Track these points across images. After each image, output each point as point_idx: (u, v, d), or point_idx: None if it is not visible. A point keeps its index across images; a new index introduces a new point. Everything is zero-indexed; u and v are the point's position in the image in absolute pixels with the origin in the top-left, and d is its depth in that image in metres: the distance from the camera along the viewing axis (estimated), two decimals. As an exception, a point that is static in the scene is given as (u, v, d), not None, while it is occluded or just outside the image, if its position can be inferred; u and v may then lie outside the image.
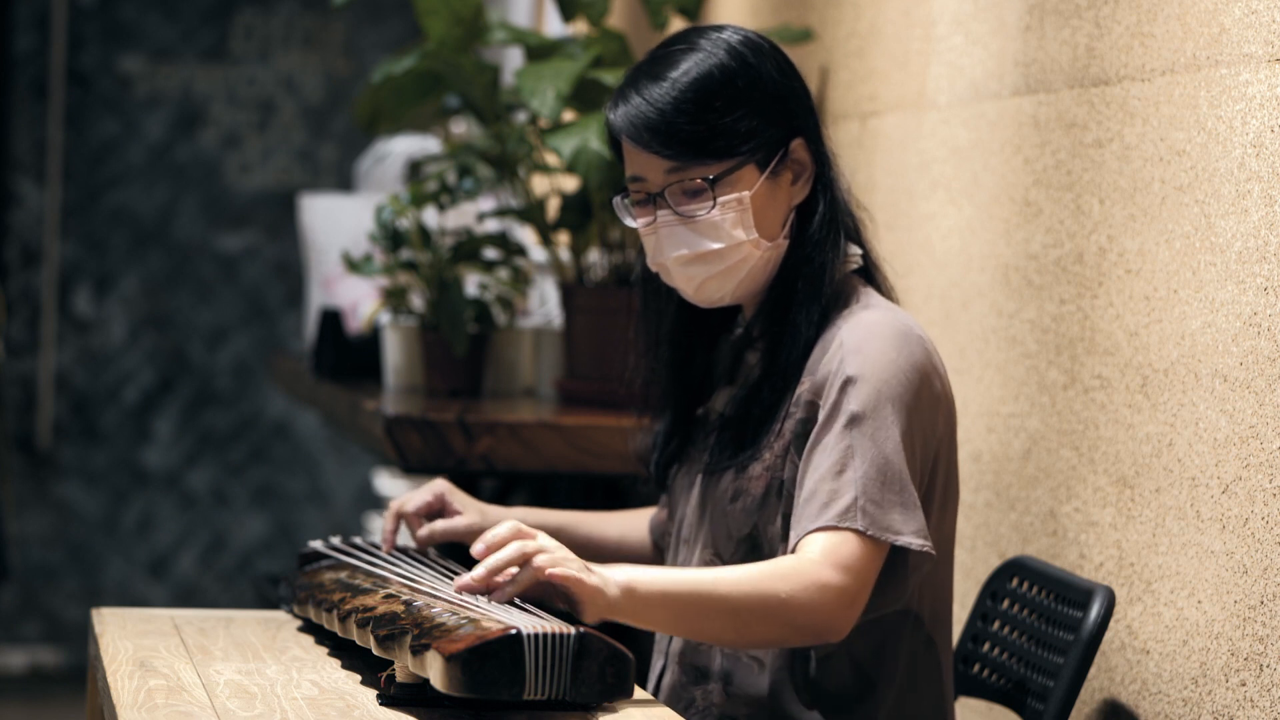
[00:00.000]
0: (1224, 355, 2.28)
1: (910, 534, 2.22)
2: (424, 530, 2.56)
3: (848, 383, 2.27)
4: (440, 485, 2.59)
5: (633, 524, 2.68)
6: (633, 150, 2.37)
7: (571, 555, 2.12)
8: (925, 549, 2.24)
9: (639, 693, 2.14)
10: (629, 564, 2.21)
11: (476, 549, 2.12)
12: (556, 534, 2.57)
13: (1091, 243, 2.61)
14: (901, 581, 2.32)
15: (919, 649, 2.38)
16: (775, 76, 2.38)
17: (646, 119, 2.34)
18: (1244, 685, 2.20)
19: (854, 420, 2.25)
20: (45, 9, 6.98)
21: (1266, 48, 2.24)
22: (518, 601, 2.09)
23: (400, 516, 2.57)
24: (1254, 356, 2.22)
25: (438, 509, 2.58)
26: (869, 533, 2.21)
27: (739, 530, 2.36)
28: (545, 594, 2.11)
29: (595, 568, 2.12)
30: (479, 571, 2.10)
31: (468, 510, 2.58)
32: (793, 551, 2.25)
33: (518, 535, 2.12)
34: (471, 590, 2.10)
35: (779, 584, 2.17)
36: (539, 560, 2.09)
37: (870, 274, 2.45)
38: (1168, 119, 2.44)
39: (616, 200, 2.43)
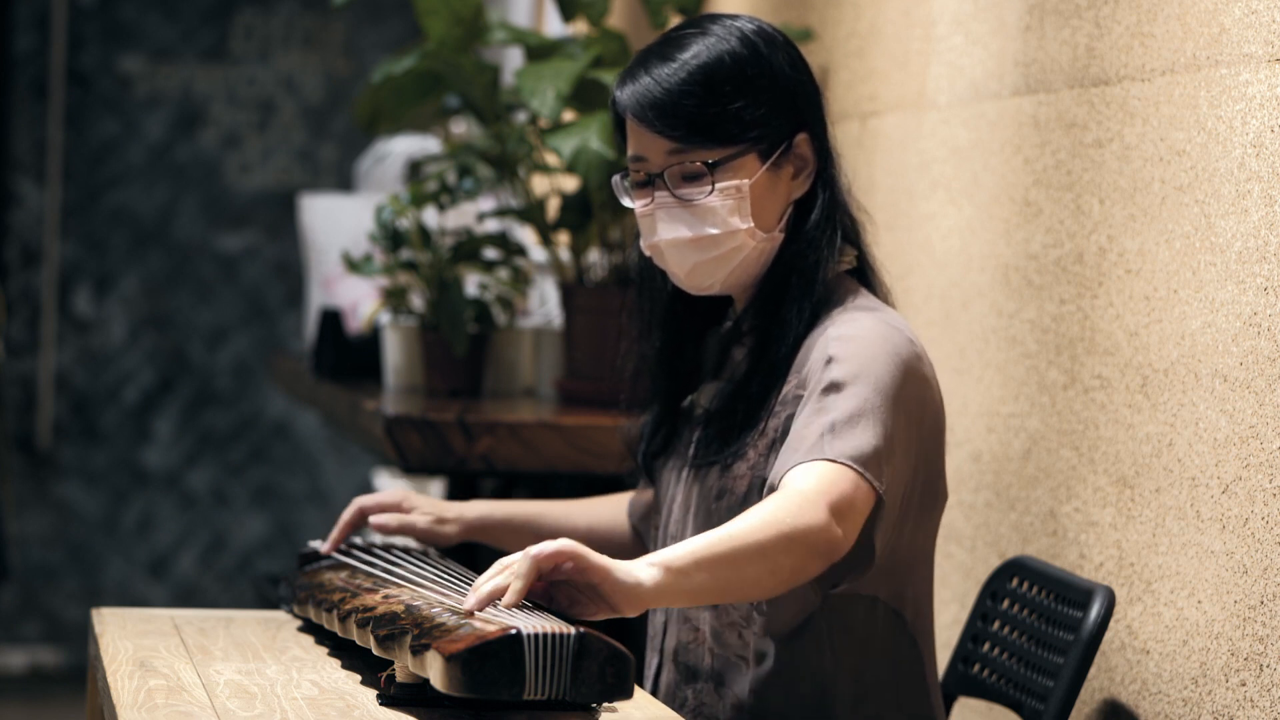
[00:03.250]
0: (1224, 355, 2.28)
1: (862, 465, 2.18)
2: (379, 518, 2.58)
3: (830, 361, 2.26)
4: (399, 492, 2.62)
5: (601, 511, 2.67)
6: (636, 129, 2.37)
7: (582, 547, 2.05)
8: (866, 477, 2.19)
9: (639, 692, 2.13)
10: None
11: (468, 604, 2.06)
12: (523, 527, 2.58)
13: (1091, 243, 2.61)
14: (867, 543, 2.27)
15: (903, 649, 2.38)
16: (786, 69, 2.38)
17: (653, 97, 2.34)
18: (1244, 685, 2.20)
19: (831, 387, 2.24)
20: (45, 9, 6.98)
21: (1266, 48, 2.24)
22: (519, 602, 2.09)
23: (360, 511, 2.58)
24: (1254, 356, 2.22)
25: (393, 509, 2.60)
26: (830, 457, 2.17)
27: None
28: (576, 600, 2.07)
29: (616, 561, 2.05)
30: (470, 602, 2.03)
31: (425, 510, 2.59)
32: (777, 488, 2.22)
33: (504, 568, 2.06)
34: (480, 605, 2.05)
35: (781, 514, 2.12)
36: (536, 556, 2.04)
37: (865, 276, 2.44)
38: (1168, 119, 2.44)
39: (616, 180, 2.43)
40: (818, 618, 2.33)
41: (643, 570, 2.04)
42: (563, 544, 2.02)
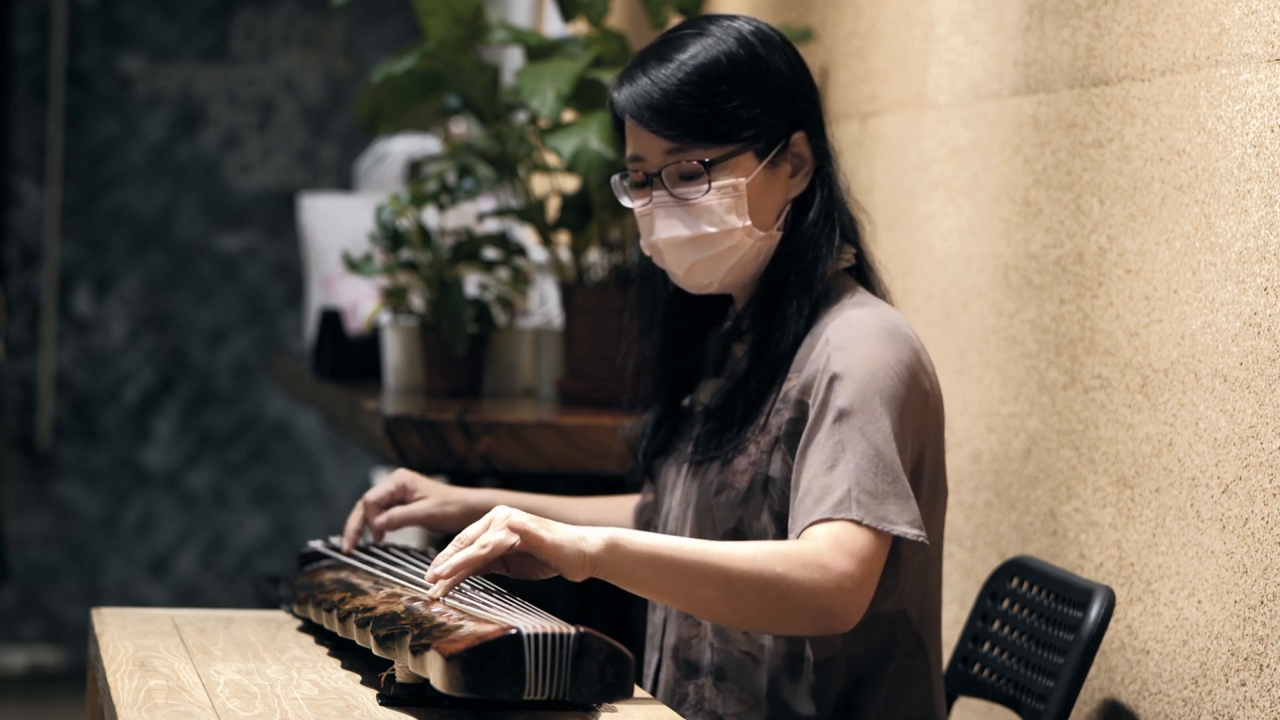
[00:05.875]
0: (1224, 355, 2.28)
1: (905, 524, 2.22)
2: (381, 517, 2.57)
3: (834, 379, 2.28)
4: (402, 475, 2.61)
5: (603, 510, 2.68)
6: (634, 129, 2.38)
7: (527, 517, 2.09)
8: (920, 539, 2.24)
9: (639, 692, 2.14)
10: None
11: (432, 577, 2.11)
12: None
13: (1091, 243, 2.61)
14: (895, 575, 2.32)
15: (909, 648, 2.39)
16: (783, 69, 2.39)
17: (650, 98, 2.35)
18: (1244, 685, 2.20)
19: (842, 415, 2.26)
20: (45, 9, 6.98)
21: (1266, 48, 2.24)
22: (518, 601, 2.10)
23: (368, 508, 2.58)
24: (1254, 356, 2.22)
25: (400, 498, 2.59)
26: (865, 522, 2.20)
27: (724, 524, 2.37)
28: (526, 568, 2.11)
29: (568, 528, 2.10)
30: (429, 577, 2.10)
31: (431, 495, 2.59)
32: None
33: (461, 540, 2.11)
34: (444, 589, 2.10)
35: (777, 561, 2.15)
36: (485, 538, 2.08)
37: (864, 274, 2.45)
38: (1168, 119, 2.44)
39: (615, 180, 2.44)
40: (843, 645, 2.35)
41: (592, 540, 2.09)
42: (517, 527, 2.07)
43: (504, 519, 2.08)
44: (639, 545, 2.12)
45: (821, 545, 2.18)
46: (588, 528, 2.12)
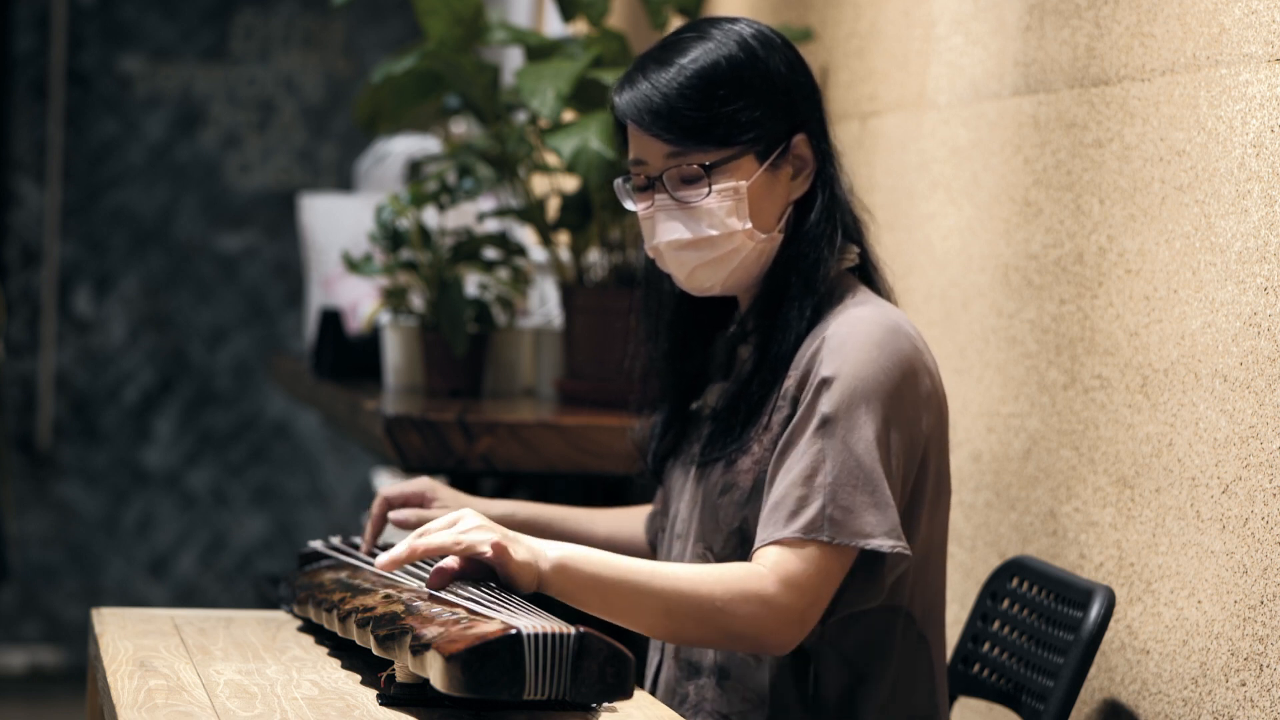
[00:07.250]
0: (1224, 355, 2.28)
1: (882, 535, 2.24)
2: (399, 514, 2.58)
3: (823, 384, 2.29)
4: (424, 481, 2.61)
5: (623, 521, 2.68)
6: (636, 133, 2.39)
7: (489, 528, 2.13)
8: (897, 549, 2.24)
9: (639, 692, 2.14)
10: (572, 542, 2.23)
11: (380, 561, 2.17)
12: (544, 530, 2.59)
13: (1091, 243, 2.61)
14: (877, 581, 2.32)
15: (910, 647, 2.39)
16: (783, 71, 2.39)
17: (650, 102, 2.35)
18: (1244, 685, 2.20)
19: (825, 422, 2.27)
20: (45, 9, 6.98)
21: (1266, 48, 2.24)
22: (517, 601, 2.10)
23: (386, 503, 2.58)
24: (1254, 356, 2.22)
25: (418, 504, 2.59)
26: (835, 541, 2.22)
27: (729, 523, 2.37)
28: (481, 572, 2.13)
29: (528, 541, 2.15)
30: (382, 559, 2.16)
31: (450, 504, 2.59)
32: (754, 554, 2.26)
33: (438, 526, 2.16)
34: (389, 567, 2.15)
35: (717, 589, 2.20)
36: (465, 538, 2.12)
37: (868, 274, 2.45)
38: (1168, 119, 2.44)
39: (618, 183, 2.44)
40: (829, 634, 2.35)
41: (543, 560, 2.14)
42: (496, 547, 2.12)
43: (475, 525, 2.13)
44: (585, 569, 2.16)
45: (769, 574, 2.23)
46: (548, 544, 2.16)
